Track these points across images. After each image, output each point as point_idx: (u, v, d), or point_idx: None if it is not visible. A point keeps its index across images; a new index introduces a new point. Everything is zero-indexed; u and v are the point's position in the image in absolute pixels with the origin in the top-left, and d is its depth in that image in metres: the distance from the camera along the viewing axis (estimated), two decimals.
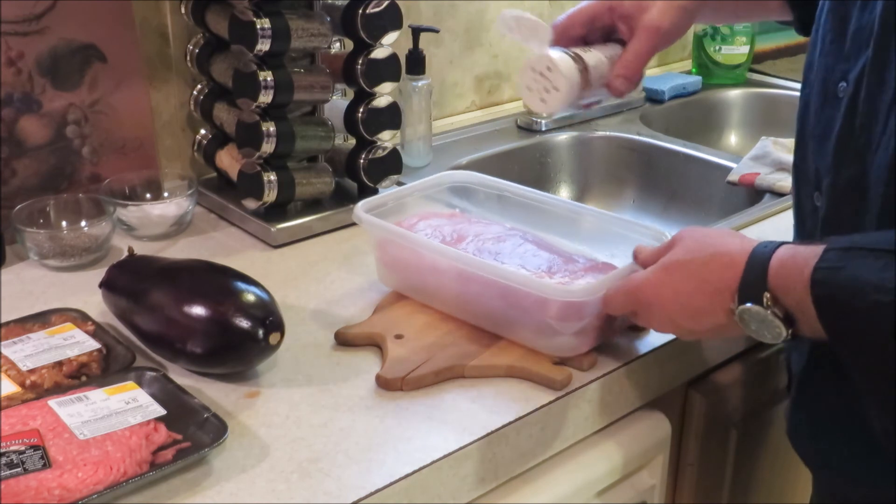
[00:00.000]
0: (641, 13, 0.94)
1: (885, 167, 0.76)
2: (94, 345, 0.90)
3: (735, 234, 0.83)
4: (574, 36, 0.95)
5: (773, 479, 1.24)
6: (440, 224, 1.02)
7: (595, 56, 0.93)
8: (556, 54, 0.91)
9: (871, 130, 0.78)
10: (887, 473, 0.80)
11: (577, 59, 0.91)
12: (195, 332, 0.86)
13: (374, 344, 0.94)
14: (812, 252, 0.73)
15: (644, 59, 0.94)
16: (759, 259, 0.76)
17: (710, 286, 0.78)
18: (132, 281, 0.94)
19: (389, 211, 1.03)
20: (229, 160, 1.23)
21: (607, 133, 1.59)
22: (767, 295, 0.74)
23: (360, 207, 1.00)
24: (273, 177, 1.14)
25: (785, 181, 1.31)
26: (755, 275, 0.75)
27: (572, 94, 0.91)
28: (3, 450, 0.74)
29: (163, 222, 1.17)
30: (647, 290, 0.83)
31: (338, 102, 1.24)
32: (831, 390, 0.87)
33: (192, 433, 0.79)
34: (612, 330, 0.92)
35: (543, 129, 1.57)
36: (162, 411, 0.81)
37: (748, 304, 0.75)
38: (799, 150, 0.91)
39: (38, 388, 0.84)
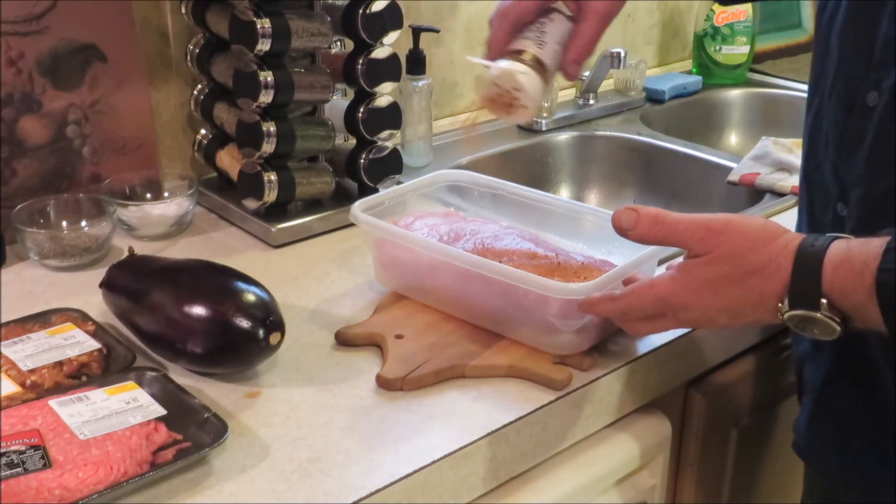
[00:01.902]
0: None
1: None
2: (94, 345, 0.90)
3: (770, 228, 0.78)
4: (527, 23, 0.91)
5: (773, 479, 1.24)
6: (436, 223, 1.02)
7: (550, 49, 0.91)
8: (524, 77, 0.88)
9: None
10: None
11: (538, 65, 0.89)
12: (195, 332, 0.86)
13: (375, 344, 0.93)
14: (869, 251, 0.70)
15: (596, 41, 0.92)
16: (810, 262, 0.72)
17: (757, 294, 0.75)
18: (132, 281, 0.94)
19: (386, 210, 1.03)
20: (230, 160, 1.23)
21: (607, 133, 1.59)
22: (824, 301, 0.72)
23: (357, 207, 1.00)
24: (273, 177, 1.14)
25: (785, 181, 1.31)
26: (808, 281, 0.72)
27: (537, 105, 0.90)
28: (3, 450, 0.74)
29: (163, 222, 1.17)
30: (682, 294, 0.79)
31: (338, 102, 1.24)
32: (857, 401, 0.86)
33: (192, 433, 0.79)
34: (612, 327, 0.92)
35: (544, 129, 1.57)
36: (162, 411, 0.81)
37: (800, 311, 0.73)
38: (811, 160, 0.89)
39: (39, 388, 0.84)
